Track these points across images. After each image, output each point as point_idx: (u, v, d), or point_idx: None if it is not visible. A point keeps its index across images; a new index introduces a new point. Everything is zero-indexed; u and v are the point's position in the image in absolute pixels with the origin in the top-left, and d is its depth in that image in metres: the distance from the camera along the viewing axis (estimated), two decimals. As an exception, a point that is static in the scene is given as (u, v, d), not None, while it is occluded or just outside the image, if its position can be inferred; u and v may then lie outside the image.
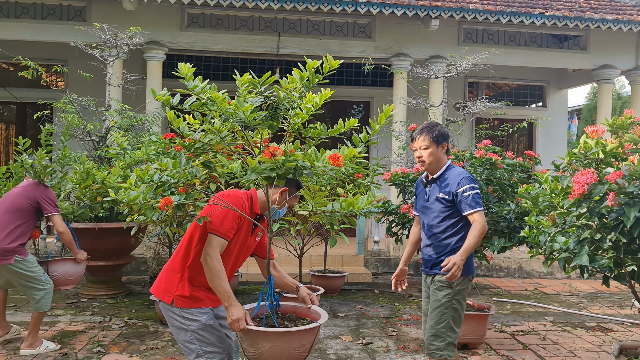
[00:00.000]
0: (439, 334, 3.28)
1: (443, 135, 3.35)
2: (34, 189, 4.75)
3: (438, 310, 3.29)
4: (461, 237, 3.30)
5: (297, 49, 8.81)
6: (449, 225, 3.31)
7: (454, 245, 3.30)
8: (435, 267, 3.35)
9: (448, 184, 3.30)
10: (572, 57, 9.64)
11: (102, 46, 7.10)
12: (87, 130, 6.65)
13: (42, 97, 7.90)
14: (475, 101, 7.15)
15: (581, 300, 7.33)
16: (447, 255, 3.26)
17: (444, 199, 3.29)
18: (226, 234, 2.82)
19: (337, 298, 7.01)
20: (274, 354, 3.39)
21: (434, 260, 3.38)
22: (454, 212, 3.28)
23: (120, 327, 5.51)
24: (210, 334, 2.97)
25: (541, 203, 3.26)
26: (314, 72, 2.85)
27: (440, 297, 3.29)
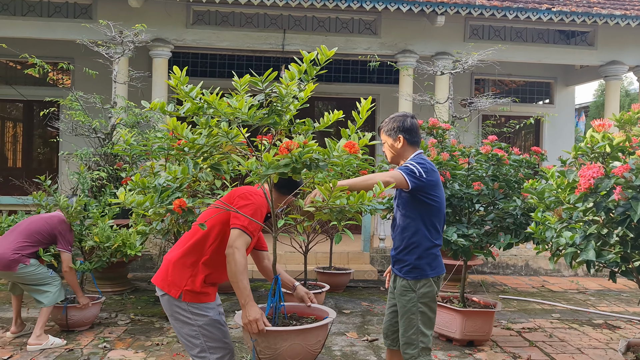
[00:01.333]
0: (410, 342, 3.10)
1: (396, 128, 3.15)
2: (58, 223, 4.97)
3: (406, 317, 3.10)
4: (415, 232, 3.08)
5: (303, 45, 8.79)
6: (406, 220, 3.11)
7: (408, 241, 3.10)
8: (395, 265, 3.20)
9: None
10: (579, 53, 9.57)
11: (107, 44, 7.11)
12: (93, 128, 6.66)
13: (49, 94, 7.95)
14: (481, 98, 7.11)
15: (588, 297, 7.29)
16: (404, 254, 3.12)
17: (401, 190, 3.15)
18: (253, 232, 2.80)
19: (342, 295, 7.00)
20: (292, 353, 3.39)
21: (395, 257, 3.20)
22: (409, 204, 3.09)
23: (126, 323, 5.52)
24: (216, 330, 2.96)
25: (547, 198, 3.23)
26: (311, 65, 2.83)
27: (405, 303, 3.10)
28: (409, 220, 3.11)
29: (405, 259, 3.12)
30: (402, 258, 3.14)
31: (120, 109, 6.97)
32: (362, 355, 4.69)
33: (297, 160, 2.58)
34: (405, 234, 3.12)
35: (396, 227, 3.21)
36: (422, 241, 3.08)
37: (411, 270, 3.10)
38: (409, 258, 3.11)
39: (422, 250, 3.08)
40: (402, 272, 3.13)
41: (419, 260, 3.08)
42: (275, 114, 2.95)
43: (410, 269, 3.10)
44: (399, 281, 3.15)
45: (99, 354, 4.59)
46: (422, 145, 5.31)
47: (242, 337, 5.09)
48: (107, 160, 6.70)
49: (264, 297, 6.76)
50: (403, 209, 3.14)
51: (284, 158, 2.62)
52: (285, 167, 2.56)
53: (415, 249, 3.09)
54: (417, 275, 3.08)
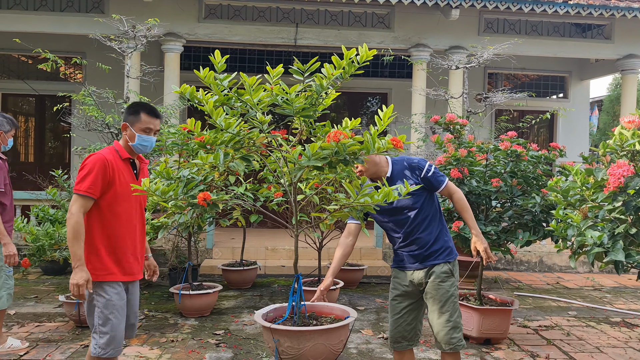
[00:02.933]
0: (456, 325, 3.18)
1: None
2: None
3: (450, 301, 3.17)
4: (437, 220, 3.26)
5: (315, 40, 8.72)
6: (424, 213, 3.20)
7: (437, 233, 3.24)
8: (429, 259, 3.21)
9: (405, 174, 3.19)
10: (595, 46, 9.43)
11: (120, 38, 7.08)
12: (106, 123, 6.64)
13: (61, 89, 7.93)
14: (496, 92, 7.01)
15: (604, 295, 7.20)
16: (437, 244, 3.21)
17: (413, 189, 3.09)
18: (88, 192, 2.91)
19: (355, 291, 6.96)
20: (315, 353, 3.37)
21: (424, 253, 3.22)
22: (423, 199, 3.19)
23: (140, 319, 5.51)
24: (111, 313, 3.01)
25: (572, 196, 3.16)
26: (350, 62, 2.80)
27: (448, 287, 3.18)
28: (427, 213, 3.23)
29: (439, 247, 3.23)
30: (436, 248, 3.22)
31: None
32: (378, 353, 4.65)
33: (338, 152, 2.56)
34: (432, 226, 3.23)
35: (414, 228, 3.21)
36: (444, 226, 3.30)
37: (449, 252, 3.25)
38: (442, 244, 3.24)
39: (447, 232, 3.32)
40: (442, 258, 3.22)
41: (450, 242, 3.29)
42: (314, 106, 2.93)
43: (449, 252, 3.25)
44: (438, 269, 3.20)
45: (114, 350, 4.57)
46: (437, 140, 5.27)
47: (257, 335, 5.06)
48: (120, 155, 6.68)
49: (277, 293, 6.73)
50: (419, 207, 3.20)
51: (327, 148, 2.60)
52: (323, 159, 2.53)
53: (443, 233, 3.27)
54: (454, 254, 3.27)
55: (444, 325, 3.18)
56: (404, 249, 3.28)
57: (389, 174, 3.21)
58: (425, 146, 7.63)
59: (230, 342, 4.86)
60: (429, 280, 3.22)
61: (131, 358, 4.40)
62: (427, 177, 3.19)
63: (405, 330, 3.33)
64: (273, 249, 8.33)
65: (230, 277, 6.93)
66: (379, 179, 3.19)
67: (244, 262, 7.07)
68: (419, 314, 3.38)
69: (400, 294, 3.33)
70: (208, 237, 8.16)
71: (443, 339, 3.19)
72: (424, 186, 3.18)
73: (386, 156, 3.25)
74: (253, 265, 7.05)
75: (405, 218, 3.20)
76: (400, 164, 3.23)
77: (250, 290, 6.90)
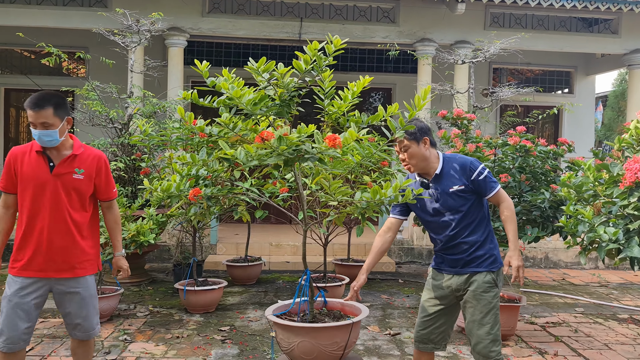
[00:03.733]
0: (496, 338, 3.02)
1: (421, 130, 3.03)
2: None
3: (491, 313, 3.00)
4: (483, 227, 3.09)
5: (320, 34, 8.66)
6: (470, 217, 3.04)
7: (482, 239, 3.05)
8: (471, 265, 3.05)
9: (456, 173, 3.03)
10: (602, 41, 9.34)
11: (124, 32, 7.03)
12: (109, 118, 6.60)
13: (63, 84, 7.87)
14: (503, 87, 6.95)
15: (611, 291, 7.16)
16: (481, 250, 3.03)
17: (460, 190, 3.01)
18: (1, 186, 3.04)
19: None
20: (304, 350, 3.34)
21: (465, 259, 3.06)
22: (470, 203, 3.03)
23: (145, 315, 5.49)
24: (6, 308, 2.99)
25: (585, 192, 3.11)
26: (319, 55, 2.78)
27: (491, 299, 3.00)
28: (474, 217, 3.06)
29: (483, 253, 3.06)
30: (479, 254, 3.05)
31: (137, 98, 6.90)
32: (385, 350, 4.61)
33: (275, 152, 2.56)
34: (477, 232, 3.06)
35: (459, 230, 3.05)
36: (491, 232, 3.11)
37: (494, 260, 3.08)
38: (486, 251, 3.07)
39: (493, 238, 3.13)
40: (485, 266, 3.05)
41: (496, 250, 3.11)
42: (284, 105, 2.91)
43: (493, 260, 3.07)
44: (481, 278, 3.03)
45: (119, 346, 4.55)
46: (444, 135, 5.22)
47: (263, 331, 5.03)
48: (124, 150, 6.64)
49: (282, 289, 6.70)
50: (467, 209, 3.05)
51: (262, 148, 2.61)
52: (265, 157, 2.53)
53: (489, 240, 3.09)
54: (498, 264, 3.09)
55: (483, 338, 3.01)
56: (445, 252, 3.13)
57: (438, 170, 3.05)
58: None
59: (236, 338, 4.83)
60: (469, 288, 3.06)
61: (137, 354, 4.37)
62: (478, 180, 3.01)
63: (433, 333, 3.20)
64: (277, 245, 8.29)
65: (234, 273, 6.90)
66: (427, 175, 3.09)
67: (248, 258, 7.04)
68: (451, 319, 3.24)
69: (435, 296, 3.18)
70: (212, 233, 8.12)
71: (482, 351, 3.03)
72: (473, 189, 3.03)
73: (438, 152, 3.11)
74: (258, 261, 7.01)
75: (448, 220, 3.06)
76: (452, 162, 3.07)
77: (255, 286, 6.87)
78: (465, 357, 4.49)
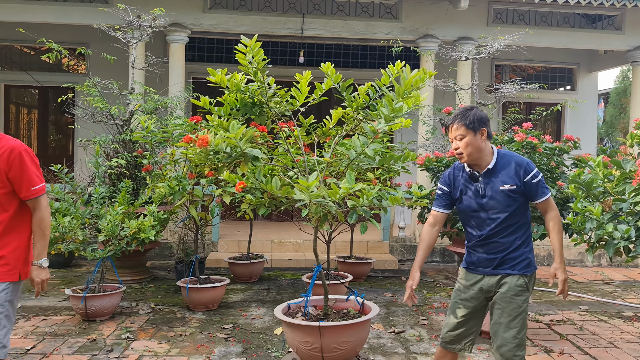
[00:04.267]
0: (522, 343, 2.92)
1: (480, 119, 2.89)
2: None
3: (520, 317, 2.91)
4: (523, 231, 2.98)
5: (322, 30, 8.60)
6: (513, 219, 2.94)
7: (519, 242, 2.96)
8: (503, 266, 2.96)
9: (510, 171, 2.90)
10: (606, 37, 9.29)
11: (125, 28, 6.97)
12: (111, 114, 6.55)
13: (64, 81, 7.83)
14: (507, 84, 6.90)
15: (615, 289, 7.12)
16: (517, 252, 2.94)
17: (511, 189, 2.88)
18: None
19: (363, 285, 6.88)
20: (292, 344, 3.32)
21: (500, 259, 2.96)
22: (517, 204, 2.92)
23: (147, 312, 5.45)
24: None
25: (595, 189, 3.07)
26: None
27: (521, 303, 2.92)
28: (517, 220, 2.96)
29: (518, 255, 2.96)
30: (513, 256, 2.95)
31: (138, 95, 6.85)
32: (390, 348, 4.57)
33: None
34: (517, 234, 2.96)
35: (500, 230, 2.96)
36: (529, 236, 3.01)
37: (528, 264, 2.97)
38: (521, 253, 2.96)
39: (530, 242, 3.02)
40: (518, 269, 2.94)
41: (531, 254, 3.00)
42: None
43: (527, 264, 2.97)
44: (514, 280, 2.94)
45: (122, 344, 4.51)
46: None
47: (267, 329, 4.99)
48: (125, 147, 6.60)
49: (284, 287, 6.67)
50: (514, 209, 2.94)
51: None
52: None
53: (526, 243, 2.98)
54: (532, 268, 2.99)
55: (509, 341, 2.91)
56: (479, 250, 3.04)
57: (491, 165, 2.93)
58: (433, 138, 7.52)
59: (240, 336, 4.79)
60: (499, 290, 2.97)
61: (139, 352, 4.33)
62: (532, 182, 2.88)
63: (462, 336, 3.11)
64: (279, 242, 8.25)
65: (236, 270, 6.86)
66: (478, 168, 2.98)
67: (250, 256, 7.00)
68: (481, 321, 3.15)
69: (465, 298, 3.08)
70: (214, 230, 8.08)
71: (506, 354, 2.93)
72: (523, 191, 2.91)
73: (492, 146, 3.00)
74: (260, 259, 6.97)
75: (490, 219, 2.95)
76: (507, 159, 2.94)
77: (257, 283, 6.83)
78: (471, 355, 4.45)
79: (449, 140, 2.98)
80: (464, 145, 2.89)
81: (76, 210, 5.17)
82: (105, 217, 5.17)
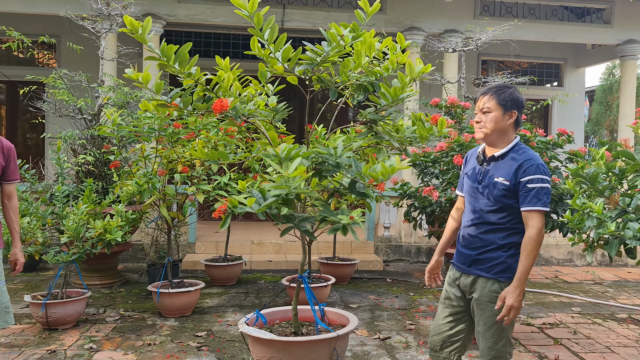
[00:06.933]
0: (501, 355, 2.63)
1: (514, 100, 2.60)
2: None
3: (496, 328, 2.59)
4: (510, 234, 2.61)
5: (303, 22, 8.28)
6: (501, 217, 2.61)
7: (500, 243, 2.61)
8: (477, 266, 2.67)
9: (512, 166, 2.58)
10: (595, 31, 9.09)
11: (94, 17, 6.57)
12: (78, 108, 6.15)
13: (34, 74, 7.40)
14: (495, 77, 6.64)
15: (606, 289, 6.89)
16: (494, 253, 2.61)
17: (503, 184, 2.57)
18: None
19: (347, 287, 6.56)
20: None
21: (473, 257, 2.68)
22: (511, 203, 2.59)
23: (115, 319, 5.07)
24: None
25: (599, 183, 2.78)
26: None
27: (497, 312, 2.56)
28: (510, 221, 2.61)
29: (495, 257, 2.62)
30: (489, 257, 2.64)
31: (108, 87, 6.45)
32: (375, 356, 4.26)
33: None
34: (499, 234, 2.62)
35: (483, 223, 2.65)
36: (516, 245, 2.60)
37: (505, 269, 2.59)
38: (500, 256, 2.62)
39: (515, 251, 2.60)
40: (493, 273, 2.61)
41: (512, 258, 2.59)
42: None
43: (504, 269, 2.59)
44: (487, 285, 2.62)
45: (84, 355, 4.14)
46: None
47: (241, 336, 4.65)
48: (94, 143, 6.20)
49: (263, 290, 6.32)
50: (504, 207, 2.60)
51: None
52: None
53: (508, 247, 2.61)
54: (510, 275, 2.57)
55: (485, 353, 2.65)
56: (461, 242, 2.79)
57: (499, 152, 2.63)
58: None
59: (213, 344, 4.44)
60: (474, 293, 2.67)
61: (102, 365, 3.97)
62: (525, 185, 2.52)
63: (448, 342, 2.79)
64: (259, 243, 7.91)
65: (213, 273, 6.50)
66: (489, 151, 2.68)
67: (228, 257, 6.64)
68: (471, 331, 2.79)
69: (448, 297, 2.81)
70: (190, 231, 7.71)
71: None
72: (516, 192, 2.56)
73: (517, 137, 2.68)
74: (238, 261, 6.62)
75: (478, 208, 2.67)
76: (518, 153, 2.62)
77: (235, 286, 6.47)
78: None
79: (474, 112, 2.66)
80: (488, 120, 2.60)
81: (36, 210, 4.77)
82: (69, 217, 4.78)
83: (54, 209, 4.94)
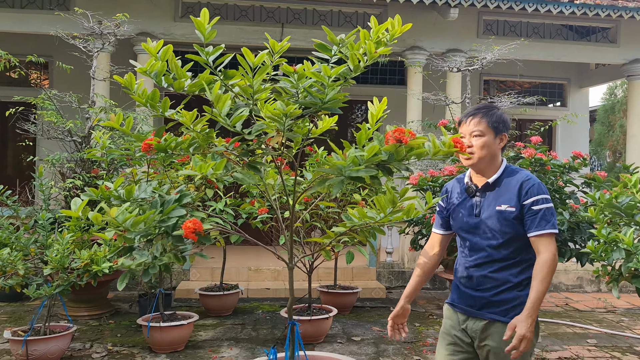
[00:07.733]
0: None
1: (504, 122, 2.38)
2: None
3: None
4: (523, 269, 2.33)
5: (302, 41, 8.06)
6: (510, 250, 2.33)
7: (515, 281, 2.32)
8: (492, 309, 2.34)
9: (512, 190, 2.32)
10: (600, 50, 8.90)
11: (85, 36, 6.34)
12: (67, 129, 5.87)
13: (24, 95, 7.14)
14: (502, 97, 6.40)
15: (620, 318, 6.57)
16: (509, 293, 2.31)
17: (508, 212, 2.29)
18: None
19: (349, 317, 6.23)
20: None
21: (487, 299, 2.35)
22: (518, 231, 2.31)
23: (102, 356, 4.73)
24: None
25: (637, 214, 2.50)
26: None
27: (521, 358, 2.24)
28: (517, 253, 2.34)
29: (513, 297, 2.32)
30: (506, 298, 2.32)
31: (99, 108, 6.19)
32: (382, 398, 3.92)
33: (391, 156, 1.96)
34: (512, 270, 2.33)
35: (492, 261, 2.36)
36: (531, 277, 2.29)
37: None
38: (517, 295, 2.31)
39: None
40: (511, 316, 2.26)
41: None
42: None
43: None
44: (503, 330, 2.27)
45: (65, 399, 3.79)
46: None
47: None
48: (83, 166, 5.91)
49: (261, 321, 5.98)
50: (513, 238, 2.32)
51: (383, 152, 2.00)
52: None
53: (525, 284, 2.31)
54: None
55: None
56: (465, 283, 2.44)
57: (492, 178, 2.37)
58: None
59: (206, 386, 4.10)
60: (486, 341, 2.33)
61: (84, 411, 3.62)
62: (531, 208, 2.28)
63: None
64: (257, 270, 7.58)
65: (208, 303, 6.16)
66: (479, 179, 2.42)
67: (224, 286, 6.31)
68: None
69: (452, 342, 2.47)
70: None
71: None
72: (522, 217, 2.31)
73: (503, 158, 2.45)
74: (234, 290, 6.29)
75: (482, 245, 2.38)
76: (514, 175, 2.37)
77: (231, 317, 6.13)
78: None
79: (461, 135, 2.33)
80: (479, 145, 2.33)
81: (17, 239, 4.46)
82: (53, 246, 4.47)
83: (38, 237, 4.64)
